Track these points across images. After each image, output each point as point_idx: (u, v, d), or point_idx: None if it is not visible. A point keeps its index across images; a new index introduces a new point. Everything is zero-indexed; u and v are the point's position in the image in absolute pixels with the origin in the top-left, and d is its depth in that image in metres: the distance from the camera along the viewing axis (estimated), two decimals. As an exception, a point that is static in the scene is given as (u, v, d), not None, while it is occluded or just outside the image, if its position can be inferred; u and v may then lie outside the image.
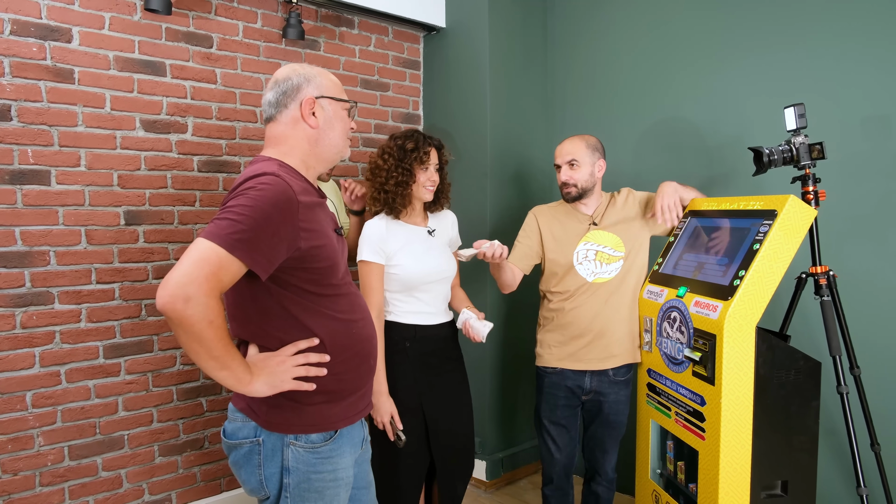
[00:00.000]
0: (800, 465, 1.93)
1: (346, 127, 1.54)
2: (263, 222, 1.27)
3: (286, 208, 1.31)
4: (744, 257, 1.90)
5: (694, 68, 2.76)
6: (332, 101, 1.49)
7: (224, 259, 1.22)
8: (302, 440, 1.43)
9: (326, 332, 1.43)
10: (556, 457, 2.38)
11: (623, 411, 2.34)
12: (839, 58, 2.33)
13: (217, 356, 1.26)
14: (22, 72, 2.27)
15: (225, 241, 1.23)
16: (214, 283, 1.21)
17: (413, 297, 2.19)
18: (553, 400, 2.37)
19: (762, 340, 1.85)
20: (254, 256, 1.26)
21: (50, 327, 2.38)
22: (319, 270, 1.41)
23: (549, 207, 2.44)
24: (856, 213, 2.31)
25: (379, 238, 2.13)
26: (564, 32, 3.33)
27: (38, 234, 2.34)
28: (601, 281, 2.29)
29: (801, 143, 2.05)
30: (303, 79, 1.48)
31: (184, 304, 1.18)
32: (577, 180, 2.28)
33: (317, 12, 3.07)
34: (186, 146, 2.68)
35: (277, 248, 1.30)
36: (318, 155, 1.50)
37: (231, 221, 1.25)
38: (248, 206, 1.27)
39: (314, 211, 1.41)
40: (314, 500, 1.44)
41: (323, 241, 1.40)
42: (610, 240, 2.31)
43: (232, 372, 1.30)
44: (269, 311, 1.40)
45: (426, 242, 2.22)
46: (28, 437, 2.34)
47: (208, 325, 1.21)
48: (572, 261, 2.30)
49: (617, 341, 2.29)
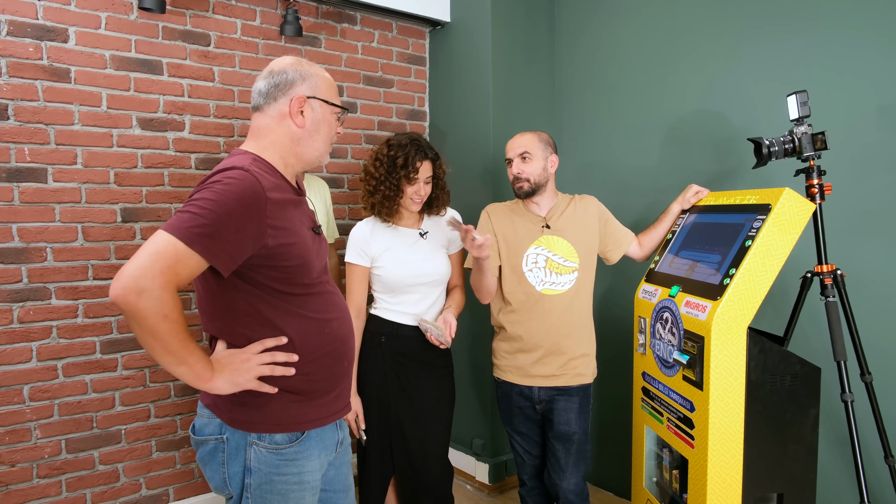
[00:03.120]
0: (796, 477, 1.80)
1: (331, 132, 1.49)
2: (226, 217, 1.24)
3: (252, 204, 1.28)
4: (735, 255, 1.79)
5: (701, 59, 2.63)
6: (322, 104, 1.45)
7: (182, 252, 1.19)
8: (266, 440, 1.39)
9: (296, 330, 1.40)
10: (524, 459, 2.35)
11: (573, 421, 2.19)
12: (850, 45, 2.18)
13: (173, 351, 1.23)
14: (18, 72, 2.32)
15: (184, 234, 1.20)
16: (170, 277, 1.18)
17: (399, 299, 2.19)
18: (508, 409, 2.31)
19: (754, 343, 1.74)
20: (214, 251, 1.23)
21: (47, 322, 2.42)
22: (289, 269, 1.37)
23: (502, 206, 2.33)
24: (866, 207, 2.16)
25: (363, 241, 2.17)
26: (570, 25, 3.23)
27: (34, 231, 2.38)
28: (551, 293, 2.18)
29: (803, 132, 1.92)
30: (298, 75, 1.44)
31: (136, 296, 1.15)
32: (529, 174, 2.18)
33: (317, 9, 3.05)
34: (184, 144, 2.69)
35: (241, 244, 1.27)
36: (298, 154, 1.46)
37: (193, 215, 1.22)
38: (212, 200, 1.24)
39: (285, 208, 1.37)
40: (277, 503, 1.40)
41: (293, 240, 1.37)
42: (562, 247, 2.21)
43: (190, 367, 1.26)
44: (237, 308, 1.37)
45: (413, 245, 2.20)
46: (25, 430, 2.39)
47: (162, 319, 1.18)
48: (521, 265, 2.20)
49: (570, 361, 2.20)
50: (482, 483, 3.18)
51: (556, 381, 2.20)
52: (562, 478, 2.20)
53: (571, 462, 2.20)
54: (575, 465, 2.20)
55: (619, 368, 2.91)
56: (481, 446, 3.21)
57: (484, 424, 3.21)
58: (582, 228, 2.24)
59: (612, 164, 3.02)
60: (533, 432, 2.31)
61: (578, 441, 2.20)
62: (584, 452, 2.22)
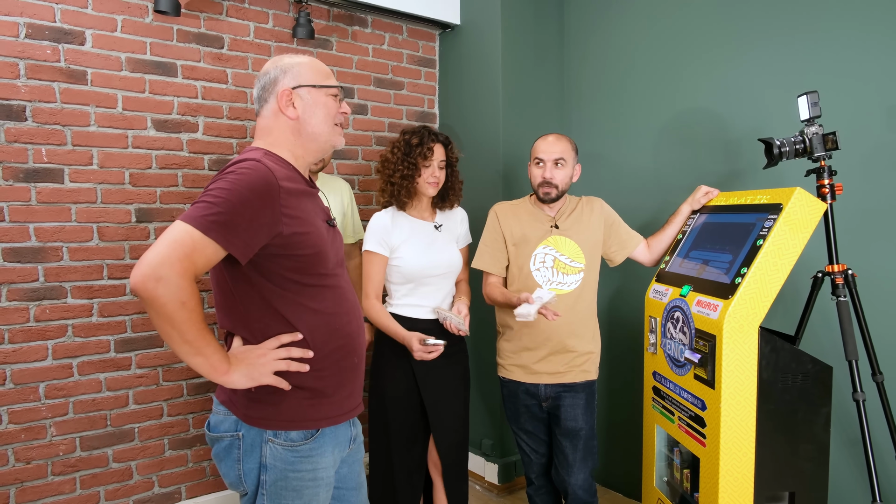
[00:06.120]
0: (808, 476, 1.81)
1: (329, 113, 1.49)
2: (241, 205, 1.27)
3: (265, 192, 1.31)
4: (747, 254, 1.80)
5: (710, 60, 2.64)
6: (311, 89, 1.47)
7: (198, 241, 1.22)
8: (281, 437, 1.41)
9: (307, 325, 1.42)
10: (531, 458, 2.35)
11: (579, 417, 2.21)
12: (860, 46, 2.19)
13: (190, 340, 1.25)
14: (36, 73, 2.36)
15: (200, 222, 1.23)
16: (188, 265, 1.21)
17: (414, 291, 2.25)
18: (514, 408, 2.33)
19: (766, 342, 1.75)
20: (229, 239, 1.26)
21: (62, 321, 2.45)
22: (304, 258, 1.39)
23: (510, 205, 2.36)
24: (877, 207, 2.16)
25: (383, 230, 2.23)
26: (579, 27, 3.25)
27: (51, 231, 2.41)
28: (558, 293, 2.19)
29: (814, 133, 1.93)
30: (279, 71, 1.47)
31: (154, 283, 1.18)
32: (559, 181, 2.20)
33: (329, 12, 3.08)
34: (197, 145, 2.72)
35: (256, 232, 1.30)
36: (304, 145, 1.49)
37: (208, 204, 1.26)
38: (226, 190, 1.27)
39: (299, 198, 1.40)
40: (292, 499, 1.42)
41: (308, 229, 1.39)
42: (570, 248, 2.23)
43: (206, 359, 1.29)
44: (249, 303, 1.39)
45: (431, 236, 2.27)
46: (41, 427, 2.42)
47: (180, 307, 1.21)
48: (529, 264, 2.23)
49: (575, 359, 2.21)
50: (491, 483, 3.18)
51: (561, 378, 2.22)
52: (570, 474, 2.22)
53: (579, 458, 2.22)
54: (583, 460, 2.22)
55: (628, 368, 2.92)
56: (490, 447, 3.22)
57: (492, 425, 3.22)
58: (588, 229, 2.26)
59: (622, 165, 3.03)
60: (539, 431, 2.32)
61: (585, 437, 2.22)
62: (591, 448, 2.24)
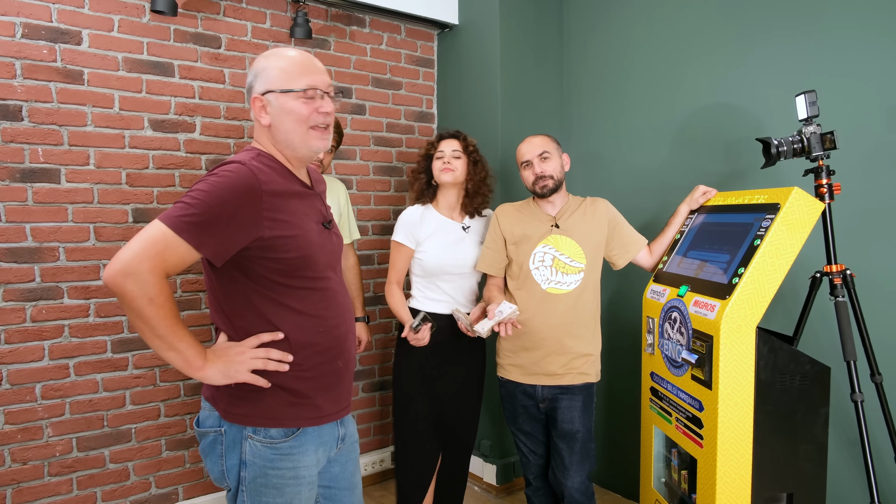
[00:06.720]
0: (807, 477, 1.80)
1: (300, 118, 1.41)
2: (217, 207, 1.27)
3: (245, 194, 1.31)
4: (744, 254, 1.79)
5: (709, 60, 2.63)
6: (279, 95, 1.41)
7: (171, 240, 1.24)
8: (261, 434, 1.41)
9: (290, 327, 1.41)
10: (529, 459, 2.36)
11: (576, 420, 2.20)
12: (859, 46, 2.18)
13: (161, 335, 1.27)
14: (33, 73, 2.35)
15: (174, 222, 1.25)
16: (158, 262, 1.24)
17: (434, 285, 2.36)
18: (513, 409, 2.33)
19: (763, 342, 1.74)
20: (202, 240, 1.27)
21: (59, 321, 2.44)
22: (288, 261, 1.39)
23: (512, 206, 2.37)
24: (876, 207, 2.15)
25: (412, 223, 2.37)
26: (579, 27, 3.24)
27: (47, 231, 2.41)
28: (556, 292, 2.20)
29: (812, 132, 1.92)
30: (253, 76, 1.45)
31: (123, 278, 1.21)
32: (551, 171, 2.22)
33: (327, 11, 3.08)
34: (194, 145, 2.72)
35: (233, 234, 1.30)
36: (283, 151, 1.47)
37: (185, 205, 1.27)
38: (204, 191, 1.28)
39: (287, 200, 1.39)
40: (272, 497, 1.42)
41: (294, 232, 1.38)
42: (570, 247, 2.23)
43: (179, 354, 1.30)
44: (234, 301, 1.40)
45: (456, 235, 2.38)
46: (37, 428, 2.41)
47: (148, 302, 1.23)
48: (528, 263, 2.23)
49: (573, 360, 2.20)
50: (490, 484, 3.18)
51: (559, 381, 2.21)
52: (566, 476, 2.21)
53: (576, 461, 2.20)
54: (579, 463, 2.21)
55: (626, 369, 2.91)
56: (489, 447, 3.21)
57: (491, 426, 3.22)
58: (590, 230, 2.25)
59: (622, 165, 3.02)
60: (537, 431, 2.32)
61: (582, 439, 2.21)
62: (588, 451, 2.23)
